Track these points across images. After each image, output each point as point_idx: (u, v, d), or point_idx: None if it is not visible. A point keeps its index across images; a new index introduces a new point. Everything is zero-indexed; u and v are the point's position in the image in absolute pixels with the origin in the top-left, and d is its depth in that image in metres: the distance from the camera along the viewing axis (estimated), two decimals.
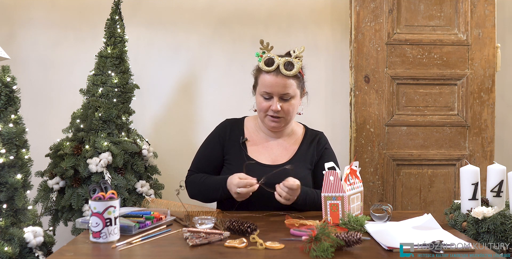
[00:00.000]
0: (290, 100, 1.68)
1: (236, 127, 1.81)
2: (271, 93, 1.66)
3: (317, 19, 2.61)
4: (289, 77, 1.65)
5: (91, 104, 2.15)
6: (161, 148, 2.50)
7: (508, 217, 1.38)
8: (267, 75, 1.66)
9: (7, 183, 1.58)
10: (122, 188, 2.03)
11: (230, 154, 1.75)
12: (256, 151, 1.75)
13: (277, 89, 1.65)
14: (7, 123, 1.61)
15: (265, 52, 1.68)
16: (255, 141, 1.78)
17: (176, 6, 2.58)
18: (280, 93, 1.66)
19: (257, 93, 1.73)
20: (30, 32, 2.55)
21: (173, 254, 1.17)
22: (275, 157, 1.75)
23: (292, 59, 1.65)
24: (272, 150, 1.76)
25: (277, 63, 1.64)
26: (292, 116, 1.72)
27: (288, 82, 1.65)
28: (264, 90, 1.67)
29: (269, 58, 1.66)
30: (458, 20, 2.40)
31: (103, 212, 1.23)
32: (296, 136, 1.82)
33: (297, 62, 1.65)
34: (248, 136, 1.78)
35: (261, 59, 1.66)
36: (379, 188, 2.39)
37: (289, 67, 1.65)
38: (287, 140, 1.79)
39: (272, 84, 1.65)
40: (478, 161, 2.37)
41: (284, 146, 1.78)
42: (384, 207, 1.49)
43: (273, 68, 1.64)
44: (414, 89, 2.41)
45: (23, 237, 1.54)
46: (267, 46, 1.68)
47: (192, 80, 2.62)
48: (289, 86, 1.66)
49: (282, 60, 1.64)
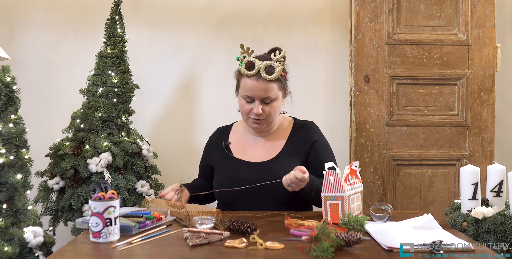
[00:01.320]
0: (272, 102, 1.69)
1: (223, 134, 1.86)
2: (253, 97, 1.68)
3: (317, 19, 2.61)
4: (270, 81, 1.66)
5: (91, 104, 2.15)
6: (161, 148, 2.50)
7: (508, 217, 1.38)
8: (248, 79, 1.67)
9: (7, 183, 1.58)
10: (122, 188, 2.03)
11: (217, 161, 1.80)
12: (241, 152, 1.78)
13: (258, 93, 1.66)
14: (7, 123, 1.61)
15: (246, 56, 1.68)
16: (242, 143, 1.81)
17: (176, 6, 2.58)
18: (261, 97, 1.67)
19: (239, 95, 1.75)
20: (30, 32, 2.55)
21: (173, 254, 1.17)
22: (262, 155, 1.76)
23: (273, 63, 1.65)
24: (258, 148, 1.78)
25: (258, 67, 1.65)
26: (274, 117, 1.73)
27: (269, 86, 1.66)
28: (246, 94, 1.68)
29: (250, 62, 1.66)
30: (458, 20, 2.40)
31: (103, 212, 1.23)
32: (282, 129, 1.82)
33: (277, 66, 1.65)
34: (235, 139, 1.82)
35: (242, 63, 1.67)
36: (379, 188, 2.39)
37: (270, 70, 1.65)
38: (274, 137, 1.81)
39: (254, 89, 1.66)
40: (478, 161, 2.37)
41: (271, 143, 1.79)
42: (384, 207, 1.49)
43: (253, 72, 1.65)
44: (414, 89, 2.41)
45: (23, 237, 1.54)
46: (248, 50, 1.69)
47: (192, 80, 2.62)
48: (270, 90, 1.67)
49: (263, 64, 1.64)
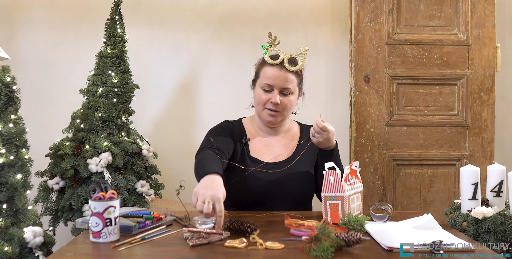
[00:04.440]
0: (289, 95, 1.71)
1: (238, 127, 1.81)
2: (273, 86, 1.68)
3: (317, 19, 2.61)
4: (292, 72, 1.69)
5: (91, 104, 2.15)
6: (161, 148, 2.50)
7: (508, 217, 1.38)
8: (271, 67, 1.69)
9: (7, 183, 1.58)
10: (122, 188, 2.03)
11: (235, 153, 1.73)
12: (257, 150, 1.76)
13: (279, 82, 1.68)
14: (7, 123, 1.61)
15: (271, 46, 1.71)
16: (255, 141, 1.79)
17: (176, 6, 2.58)
18: (281, 86, 1.68)
19: (257, 85, 1.75)
20: (30, 32, 2.55)
21: (173, 254, 1.17)
22: (276, 154, 1.76)
23: (297, 56, 1.69)
24: (272, 147, 1.78)
25: (282, 58, 1.68)
26: (289, 111, 1.74)
27: (290, 77, 1.68)
28: (266, 82, 1.69)
29: (275, 52, 1.70)
30: (458, 20, 2.40)
31: (103, 212, 1.22)
32: (293, 132, 1.84)
33: (301, 59, 1.69)
34: (249, 136, 1.80)
35: (267, 52, 1.70)
36: (379, 188, 2.39)
37: (293, 62, 1.69)
38: (286, 137, 1.81)
39: (275, 77, 1.68)
40: (478, 161, 2.37)
41: (284, 143, 1.79)
42: (384, 207, 1.49)
43: (277, 61, 1.68)
44: (414, 89, 2.41)
45: (23, 237, 1.54)
46: (275, 40, 1.71)
47: (192, 80, 2.62)
48: (291, 81, 1.69)
49: (287, 55, 1.69)
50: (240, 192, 1.67)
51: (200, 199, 1.26)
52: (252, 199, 1.68)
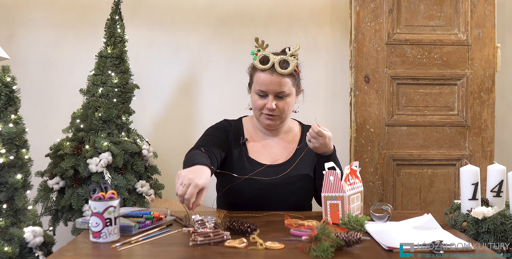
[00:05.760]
0: (285, 98, 1.67)
1: (237, 127, 1.80)
2: (266, 92, 1.65)
3: (317, 19, 2.61)
4: (284, 75, 1.64)
5: (91, 104, 2.15)
6: (161, 148, 2.50)
7: (508, 217, 1.38)
8: (262, 73, 1.65)
9: (7, 183, 1.58)
10: (122, 188, 2.03)
11: (232, 154, 1.73)
12: (256, 151, 1.74)
13: (272, 87, 1.64)
14: (7, 123, 1.61)
15: (260, 50, 1.66)
16: (254, 141, 1.77)
17: (176, 6, 2.58)
18: (275, 91, 1.64)
19: (252, 91, 1.72)
20: (30, 32, 2.55)
21: (173, 254, 1.17)
22: (275, 156, 1.74)
23: (288, 57, 1.64)
24: (271, 149, 1.76)
25: (272, 62, 1.63)
26: (287, 114, 1.71)
27: (283, 80, 1.64)
28: (259, 88, 1.66)
29: (264, 56, 1.65)
30: (458, 20, 2.40)
31: (103, 212, 1.22)
32: (293, 133, 1.81)
33: (292, 60, 1.63)
34: (248, 136, 1.78)
35: (256, 57, 1.65)
36: (379, 188, 2.39)
37: (284, 65, 1.63)
38: (285, 138, 1.79)
39: (267, 83, 1.64)
40: (478, 161, 2.37)
41: (283, 145, 1.77)
42: (384, 207, 1.49)
43: (268, 66, 1.63)
44: (414, 89, 2.41)
45: (23, 237, 1.54)
46: (262, 44, 1.67)
47: (192, 80, 2.62)
48: (284, 84, 1.64)
49: (277, 58, 1.63)
50: (236, 195, 1.66)
51: (179, 181, 1.32)
52: (248, 202, 1.66)
